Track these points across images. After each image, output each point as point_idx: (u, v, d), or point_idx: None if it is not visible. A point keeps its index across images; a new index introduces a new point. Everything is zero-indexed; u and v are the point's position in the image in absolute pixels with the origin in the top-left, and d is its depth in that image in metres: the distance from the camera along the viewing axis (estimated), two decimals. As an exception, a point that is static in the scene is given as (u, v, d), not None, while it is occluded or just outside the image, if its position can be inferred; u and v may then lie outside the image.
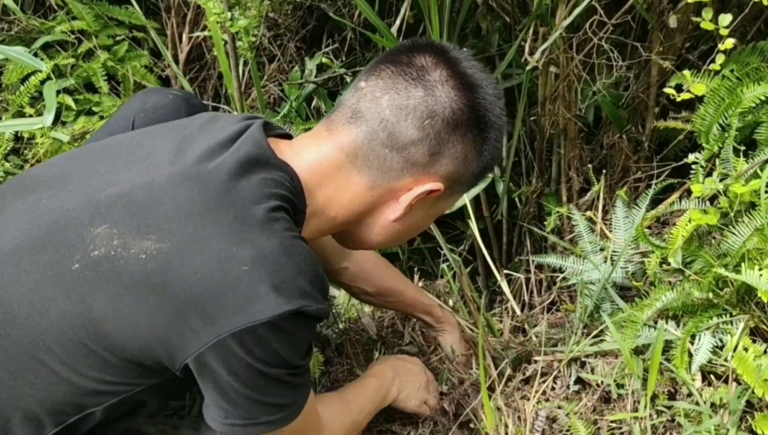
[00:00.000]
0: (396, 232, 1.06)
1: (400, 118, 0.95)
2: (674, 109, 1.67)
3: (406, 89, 0.96)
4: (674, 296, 1.28)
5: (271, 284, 0.82)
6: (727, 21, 1.23)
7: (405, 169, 0.97)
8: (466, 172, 1.02)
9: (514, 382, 1.40)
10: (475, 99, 0.98)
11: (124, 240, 0.84)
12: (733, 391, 1.20)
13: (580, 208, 1.78)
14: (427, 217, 1.09)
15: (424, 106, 0.95)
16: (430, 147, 0.96)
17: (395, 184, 0.99)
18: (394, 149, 0.96)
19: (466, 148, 0.99)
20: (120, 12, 2.03)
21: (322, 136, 1.00)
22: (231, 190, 0.87)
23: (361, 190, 0.99)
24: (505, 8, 1.83)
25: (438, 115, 0.95)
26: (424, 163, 0.97)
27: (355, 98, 0.99)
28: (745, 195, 1.27)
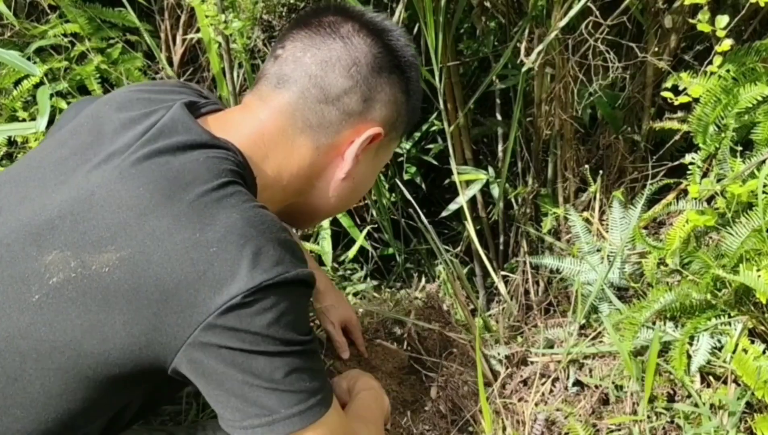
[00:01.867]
0: (348, 191, 1.06)
1: (327, 70, 0.97)
2: (670, 110, 1.67)
3: (325, 44, 0.98)
4: (672, 297, 1.28)
5: (242, 259, 0.80)
6: (724, 22, 1.23)
7: (343, 120, 0.99)
8: (399, 114, 1.04)
9: (511, 384, 1.40)
10: (389, 42, 1.01)
11: (82, 259, 0.81)
12: (733, 393, 1.20)
13: (576, 208, 1.77)
14: (373, 169, 1.10)
15: (346, 55, 0.98)
16: (362, 93, 0.99)
17: (337, 138, 1.00)
18: (329, 102, 0.98)
19: (393, 89, 1.02)
20: (113, 14, 2.02)
21: (255, 105, 0.99)
22: (177, 177, 0.85)
23: (307, 151, 0.99)
24: (500, 9, 1.83)
25: (361, 61, 0.98)
26: (360, 111, 0.99)
27: (276, 66, 1.00)
28: (743, 195, 1.27)
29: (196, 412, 1.32)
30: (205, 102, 1.03)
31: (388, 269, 2.21)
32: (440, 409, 1.37)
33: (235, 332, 0.79)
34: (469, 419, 1.32)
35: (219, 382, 0.82)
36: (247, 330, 0.79)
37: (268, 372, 0.81)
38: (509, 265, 2.02)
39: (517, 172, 1.99)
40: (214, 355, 0.80)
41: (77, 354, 0.81)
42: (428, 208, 2.18)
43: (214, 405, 0.85)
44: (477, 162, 1.98)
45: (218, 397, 0.84)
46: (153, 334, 0.80)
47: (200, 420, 1.28)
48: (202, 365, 0.81)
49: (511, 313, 1.73)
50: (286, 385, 0.82)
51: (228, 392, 0.82)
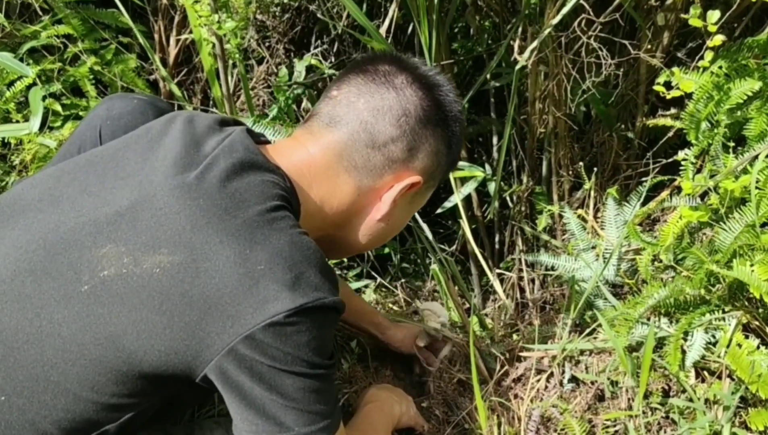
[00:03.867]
0: (381, 232, 1.09)
1: (378, 118, 1.01)
2: (663, 107, 1.68)
3: (379, 92, 1.02)
4: (666, 293, 1.28)
5: (286, 281, 0.83)
6: (716, 18, 1.24)
7: (386, 166, 1.02)
8: (439, 165, 1.08)
9: (507, 381, 1.40)
10: (438, 97, 1.06)
11: (134, 257, 0.85)
12: (727, 387, 1.20)
13: (571, 206, 1.78)
14: (407, 214, 1.14)
15: (398, 106, 1.02)
16: (408, 143, 1.02)
17: (378, 182, 1.03)
18: (375, 148, 1.01)
19: (437, 141, 1.05)
20: (106, 15, 2.01)
21: (306, 138, 1.03)
22: (233, 195, 0.89)
23: (349, 190, 1.03)
24: (493, 8, 1.83)
25: (411, 112, 1.02)
26: (403, 160, 1.03)
27: (329, 106, 1.04)
28: (736, 191, 1.27)
29: (192, 413, 1.31)
30: (259, 135, 1.09)
31: (383, 268, 2.21)
32: (436, 407, 1.37)
33: (270, 348, 0.83)
34: (465, 417, 1.33)
35: (243, 393, 0.85)
36: (282, 348, 0.83)
37: (291, 391, 0.85)
38: (504, 263, 2.02)
39: (511, 171, 1.99)
40: (245, 368, 0.83)
41: (116, 348, 0.84)
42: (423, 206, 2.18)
43: (233, 413, 0.88)
44: (472, 160, 1.98)
45: (239, 407, 0.87)
46: (191, 339, 0.83)
47: (197, 419, 1.28)
48: (232, 376, 0.84)
49: (506, 311, 1.73)
50: (304, 405, 0.87)
51: (249, 404, 0.86)
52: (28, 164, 1.62)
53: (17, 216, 0.93)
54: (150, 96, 1.18)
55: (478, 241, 1.99)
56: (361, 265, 2.12)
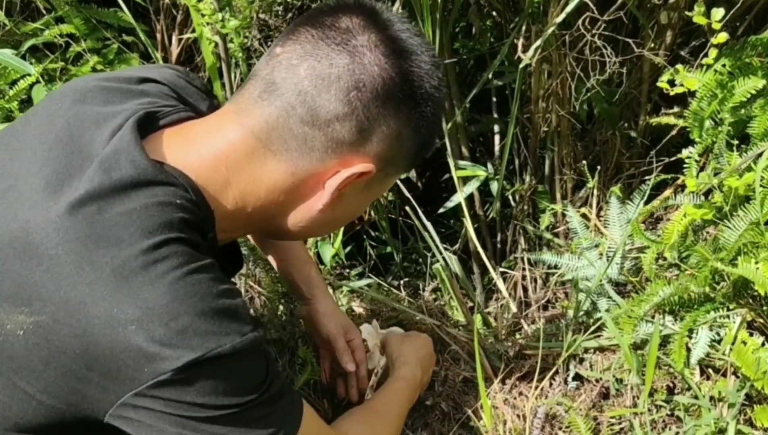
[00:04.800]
0: (324, 222, 0.93)
1: (321, 89, 0.82)
2: (666, 105, 1.68)
3: (329, 56, 0.82)
4: (671, 291, 1.28)
5: (165, 337, 0.72)
6: (720, 15, 1.24)
7: (329, 149, 0.84)
8: (401, 152, 0.89)
9: (511, 379, 1.40)
10: (409, 67, 0.85)
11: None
12: (732, 385, 1.20)
13: (574, 204, 1.78)
14: (360, 203, 0.96)
15: (349, 76, 0.82)
16: (358, 123, 0.83)
17: (319, 166, 0.85)
18: (316, 126, 0.83)
19: (399, 123, 0.86)
20: (109, 15, 2.01)
21: (229, 118, 0.86)
22: (106, 233, 0.74)
23: (280, 177, 0.86)
24: (495, 7, 1.83)
25: (366, 85, 0.82)
26: (351, 142, 0.84)
27: (269, 67, 0.85)
28: (740, 188, 1.28)
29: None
30: (171, 108, 0.89)
31: (386, 268, 2.21)
32: (441, 405, 1.37)
33: (168, 401, 0.74)
34: (470, 415, 1.33)
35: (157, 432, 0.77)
36: (180, 400, 0.74)
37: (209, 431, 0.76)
38: (507, 262, 2.02)
39: (514, 169, 1.99)
40: (148, 415, 0.75)
41: (4, 415, 0.77)
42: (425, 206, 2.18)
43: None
44: (474, 160, 1.98)
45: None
46: (76, 398, 0.76)
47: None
48: (136, 422, 0.76)
49: (509, 310, 1.73)
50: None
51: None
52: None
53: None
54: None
55: (480, 240, 1.99)
56: (363, 264, 2.12)
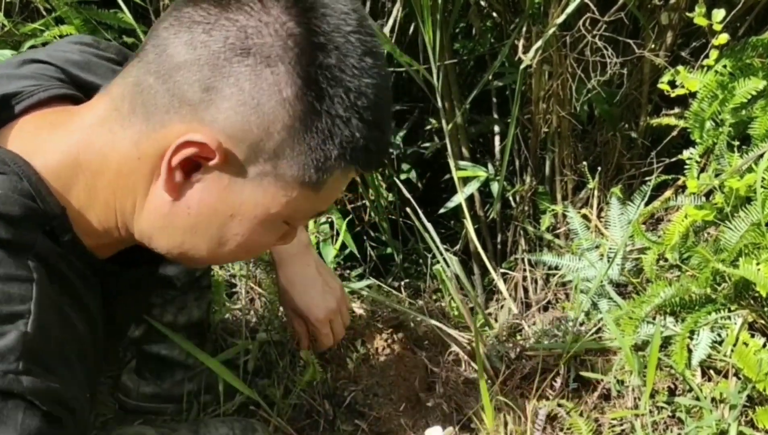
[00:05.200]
0: (182, 226, 0.72)
1: (179, 32, 0.66)
2: (667, 106, 1.68)
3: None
4: (672, 292, 1.28)
5: None
6: (721, 16, 1.24)
7: (171, 107, 0.66)
8: (269, 141, 0.67)
9: (512, 381, 1.40)
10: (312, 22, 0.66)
11: None
12: (733, 386, 1.20)
13: (574, 205, 1.78)
14: (243, 217, 0.72)
15: (204, 18, 0.65)
16: (202, 76, 0.65)
17: (162, 132, 0.67)
18: (161, 76, 0.66)
19: (263, 90, 0.65)
20: (109, 16, 2.01)
21: (95, 98, 0.74)
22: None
23: (125, 150, 0.69)
24: (496, 8, 1.83)
25: (219, 31, 0.65)
26: (195, 103, 0.66)
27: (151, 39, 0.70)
28: (741, 189, 1.28)
29: (197, 412, 1.31)
30: (35, 88, 0.75)
31: (386, 269, 2.20)
32: (442, 406, 1.37)
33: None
34: (471, 416, 1.32)
35: None
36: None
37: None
38: (507, 263, 2.02)
39: (514, 170, 1.99)
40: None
41: None
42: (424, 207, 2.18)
43: None
44: (474, 160, 1.98)
45: None
46: None
47: (202, 418, 1.28)
48: None
49: (510, 311, 1.73)
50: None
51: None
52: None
53: None
54: None
55: (481, 241, 1.99)
56: (363, 265, 2.12)
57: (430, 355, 1.53)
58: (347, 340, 1.53)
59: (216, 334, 1.45)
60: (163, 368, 1.29)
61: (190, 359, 1.29)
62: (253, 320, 1.54)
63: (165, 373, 1.30)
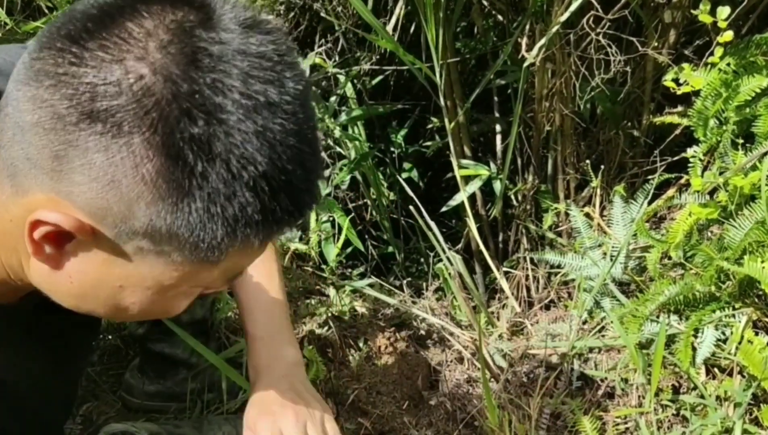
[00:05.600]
0: (75, 293, 0.62)
1: (28, 82, 0.54)
2: (669, 104, 1.68)
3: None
4: (677, 290, 1.28)
5: None
6: (726, 13, 1.24)
7: (29, 172, 0.55)
8: (136, 220, 0.54)
9: (516, 379, 1.39)
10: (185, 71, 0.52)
11: None
12: (738, 384, 1.20)
13: (577, 204, 1.78)
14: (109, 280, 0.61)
15: (62, 71, 0.52)
16: (49, 142, 0.53)
17: (24, 198, 0.57)
18: (17, 133, 0.55)
19: (119, 165, 0.52)
20: (110, 14, 2.00)
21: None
22: None
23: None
24: (498, 7, 1.83)
25: (72, 89, 0.52)
26: (48, 172, 0.54)
27: None
28: (745, 187, 1.27)
29: (201, 410, 1.31)
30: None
31: (387, 268, 2.20)
32: (445, 404, 1.37)
33: None
34: (475, 414, 1.32)
35: None
36: None
37: None
38: (508, 261, 2.02)
39: (516, 169, 1.99)
40: None
41: None
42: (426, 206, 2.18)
43: None
44: (475, 159, 1.98)
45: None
46: None
47: (206, 415, 1.28)
48: None
49: (513, 309, 1.73)
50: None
51: None
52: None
53: None
54: None
55: (482, 240, 1.98)
56: (365, 264, 2.12)
57: (433, 354, 1.53)
58: (350, 338, 1.53)
59: (219, 332, 1.44)
60: (166, 366, 1.29)
61: (193, 357, 1.28)
62: (255, 318, 1.53)
63: (168, 372, 1.29)
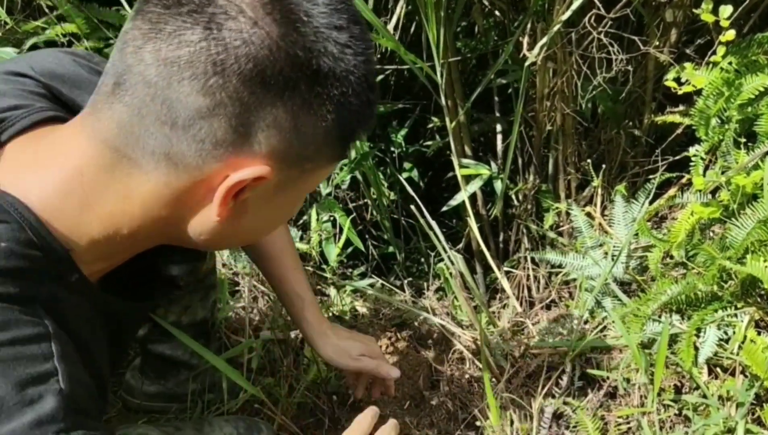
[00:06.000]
0: (234, 233, 0.76)
1: (171, 78, 0.63)
2: (671, 103, 1.68)
3: (176, 31, 0.62)
4: (679, 289, 1.28)
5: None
6: (728, 12, 1.24)
7: (203, 152, 0.66)
8: (306, 145, 0.69)
9: (517, 379, 1.39)
10: (294, 34, 0.63)
11: None
12: (740, 384, 1.19)
13: (578, 203, 1.77)
14: (278, 210, 0.78)
15: (205, 56, 0.62)
16: (229, 117, 0.64)
17: (198, 174, 0.67)
18: (177, 127, 0.64)
19: (290, 111, 0.66)
20: (111, 14, 2.00)
21: (83, 124, 0.69)
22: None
23: (154, 191, 0.69)
24: (499, 6, 1.83)
25: (230, 67, 0.62)
26: (231, 142, 0.65)
27: (118, 52, 0.66)
28: (748, 186, 1.27)
29: (201, 410, 1.31)
30: (25, 111, 0.73)
31: (388, 267, 2.20)
32: (447, 404, 1.36)
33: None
34: (477, 414, 1.32)
35: None
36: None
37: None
38: (509, 261, 2.02)
39: (517, 168, 1.99)
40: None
41: None
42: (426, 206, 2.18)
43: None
44: (476, 159, 1.98)
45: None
46: None
47: (206, 416, 1.27)
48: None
49: (515, 309, 1.73)
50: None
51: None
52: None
53: None
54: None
55: (483, 240, 1.98)
56: (366, 264, 2.12)
57: (434, 354, 1.53)
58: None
59: (220, 333, 1.44)
60: (167, 367, 1.29)
61: (194, 358, 1.28)
62: (256, 319, 1.53)
63: (169, 372, 1.29)
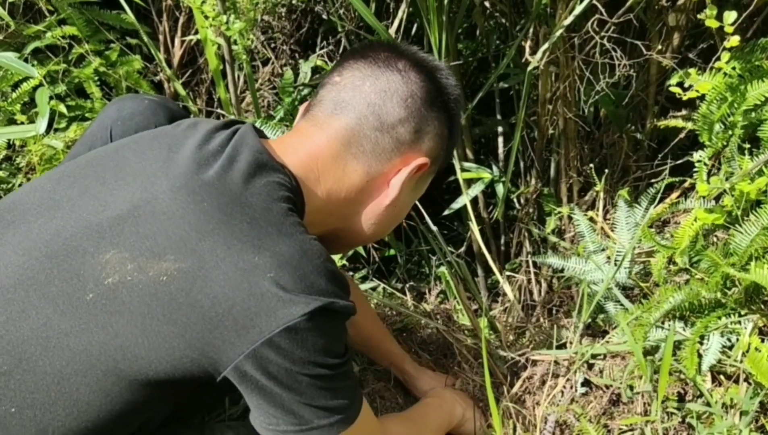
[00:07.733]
0: (387, 219, 1.08)
1: (385, 99, 1.01)
2: (673, 108, 1.67)
3: (384, 75, 1.02)
4: (683, 296, 1.27)
5: (296, 287, 0.82)
6: (732, 18, 1.23)
7: (395, 149, 1.02)
8: (442, 149, 1.09)
9: (520, 385, 1.38)
10: (439, 80, 1.07)
11: (139, 263, 0.82)
12: (744, 392, 1.19)
13: (580, 208, 1.77)
14: (410, 200, 1.12)
15: (404, 87, 1.02)
16: (415, 124, 1.02)
17: (386, 166, 1.03)
18: (384, 130, 1.01)
19: (440, 124, 1.06)
20: (111, 17, 2.00)
21: (311, 130, 1.02)
22: (239, 198, 0.87)
23: (358, 178, 1.02)
24: (500, 9, 1.82)
25: (416, 94, 1.02)
26: (410, 141, 1.03)
27: (333, 92, 1.03)
28: (752, 193, 1.26)
29: (202, 416, 1.30)
30: (260, 131, 1.04)
31: (389, 270, 2.20)
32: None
33: (285, 355, 0.82)
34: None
35: (262, 390, 0.85)
36: (296, 353, 0.82)
37: (307, 390, 0.86)
38: (510, 264, 2.01)
39: (519, 172, 1.98)
40: (262, 370, 0.83)
41: (127, 358, 0.82)
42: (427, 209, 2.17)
43: (251, 404, 0.89)
44: (478, 162, 1.97)
45: (258, 401, 0.87)
46: (206, 348, 0.82)
47: (208, 423, 1.27)
48: (250, 376, 0.84)
49: (517, 314, 1.72)
50: (321, 402, 0.87)
51: (268, 400, 0.86)
52: (35, 166, 1.60)
53: (17, 221, 0.89)
54: (161, 97, 1.16)
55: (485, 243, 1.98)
56: (367, 267, 2.11)
57: (436, 358, 1.52)
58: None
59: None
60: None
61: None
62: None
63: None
